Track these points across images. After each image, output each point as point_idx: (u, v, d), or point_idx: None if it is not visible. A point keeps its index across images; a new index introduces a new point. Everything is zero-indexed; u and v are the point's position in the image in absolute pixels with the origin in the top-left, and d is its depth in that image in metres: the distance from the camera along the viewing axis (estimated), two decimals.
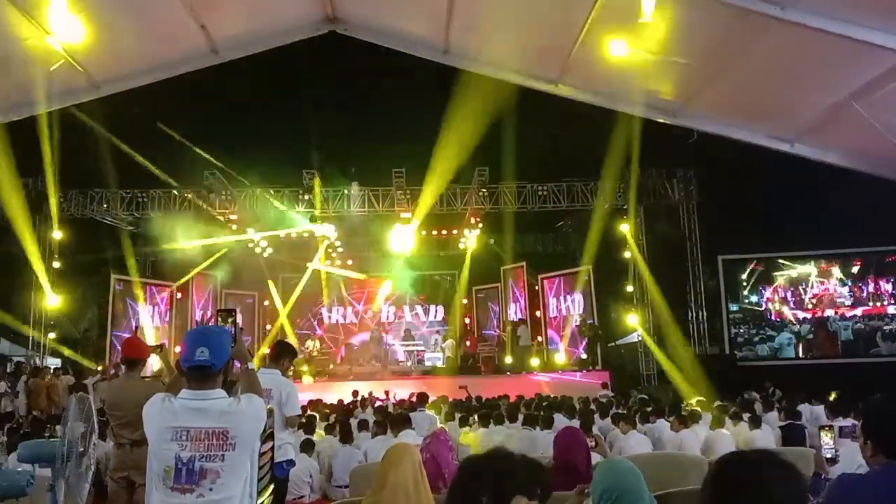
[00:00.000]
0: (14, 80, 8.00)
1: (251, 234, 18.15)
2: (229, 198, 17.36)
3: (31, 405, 12.46)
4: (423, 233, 19.33)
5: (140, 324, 17.16)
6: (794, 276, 17.29)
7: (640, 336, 17.60)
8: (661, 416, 8.39)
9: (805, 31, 6.53)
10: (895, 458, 2.47)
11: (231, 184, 17.12)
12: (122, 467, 4.71)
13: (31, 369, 14.51)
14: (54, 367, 15.52)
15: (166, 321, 18.62)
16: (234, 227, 18.08)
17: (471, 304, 21.44)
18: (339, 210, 17.71)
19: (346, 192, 17.71)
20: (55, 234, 16.75)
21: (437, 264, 21.41)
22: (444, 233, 19.85)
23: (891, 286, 16.59)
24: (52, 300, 16.38)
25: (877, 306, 16.73)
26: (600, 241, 19.23)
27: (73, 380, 13.30)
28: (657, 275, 17.44)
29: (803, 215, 16.95)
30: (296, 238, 18.67)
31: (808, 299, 17.12)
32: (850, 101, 7.38)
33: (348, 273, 20.65)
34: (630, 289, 17.74)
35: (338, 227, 18.65)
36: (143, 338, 15.01)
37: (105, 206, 17.30)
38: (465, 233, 19.41)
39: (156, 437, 2.70)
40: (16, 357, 18.12)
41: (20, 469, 3.31)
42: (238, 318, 3.36)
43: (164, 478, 2.62)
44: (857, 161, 8.96)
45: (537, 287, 19.66)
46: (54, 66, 7.57)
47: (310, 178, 17.15)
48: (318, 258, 19.28)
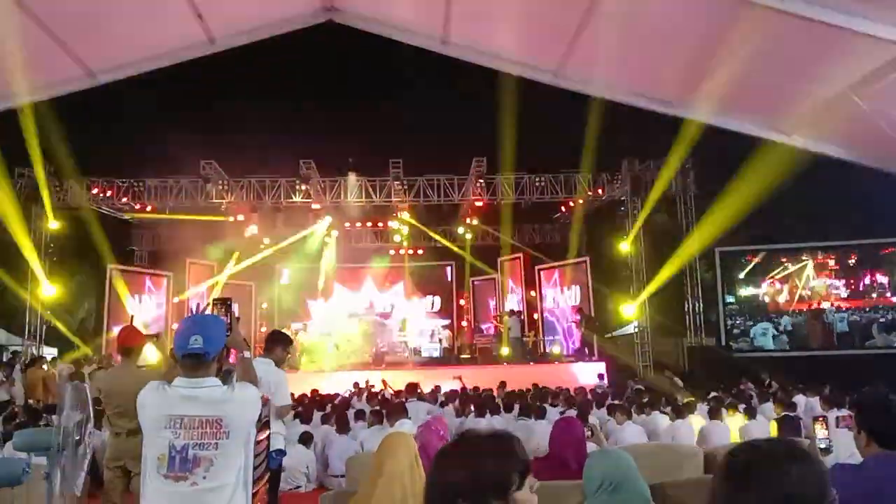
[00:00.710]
0: (6, 68, 7.93)
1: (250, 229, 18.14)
2: (225, 187, 17.31)
3: (28, 395, 12.46)
4: (420, 223, 19.35)
5: (136, 313, 17.14)
6: (791, 268, 17.31)
7: (636, 327, 17.63)
8: (657, 409, 8.43)
9: (804, 22, 6.49)
10: (889, 448, 2.49)
11: (227, 173, 17.08)
12: (117, 456, 4.71)
13: (27, 359, 14.51)
14: (51, 357, 15.52)
15: (162, 311, 18.62)
16: (230, 219, 18.06)
17: (468, 295, 21.47)
18: (335, 200, 17.67)
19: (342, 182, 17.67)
20: (51, 224, 16.72)
21: (434, 255, 21.41)
22: (441, 223, 19.82)
23: (886, 278, 16.63)
24: (49, 290, 16.36)
25: (872, 298, 16.77)
26: (597, 232, 19.27)
27: (71, 369, 13.29)
28: (654, 266, 17.45)
29: (800, 208, 16.96)
30: (294, 227, 18.68)
31: (803, 291, 17.16)
32: (849, 92, 7.36)
33: (346, 264, 20.66)
34: (627, 280, 17.74)
35: (334, 218, 18.63)
36: (139, 327, 15.00)
37: (101, 196, 17.24)
38: (463, 223, 19.39)
39: (150, 425, 2.70)
40: (12, 347, 18.11)
41: (16, 458, 3.31)
42: (234, 308, 3.36)
43: (158, 466, 2.62)
44: (855, 153, 8.93)
45: (535, 278, 19.68)
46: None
47: (307, 168, 17.10)
48: (316, 248, 19.31)
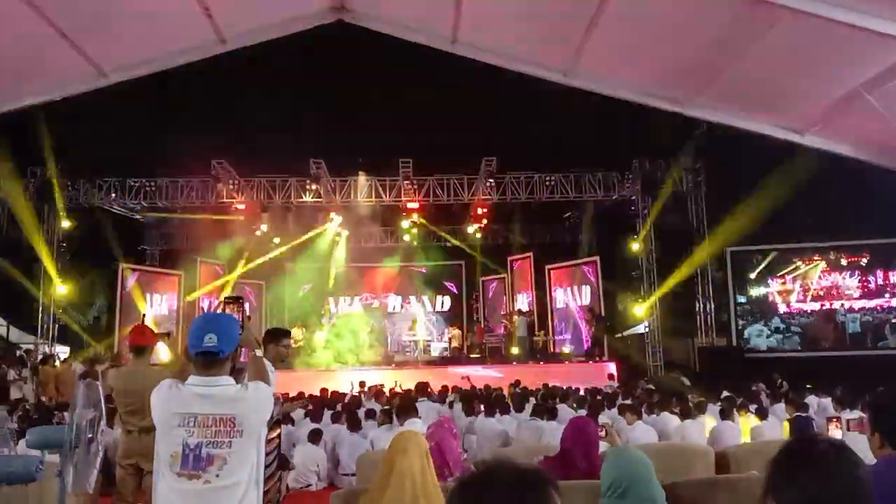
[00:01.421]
0: (21, 68, 7.98)
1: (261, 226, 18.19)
2: (236, 187, 17.38)
3: (40, 392, 12.56)
4: (430, 223, 19.37)
5: (147, 312, 17.24)
6: (802, 268, 17.21)
7: (647, 327, 17.58)
8: (667, 409, 8.39)
9: (816, 20, 6.44)
10: None
11: (238, 173, 17.15)
12: (130, 454, 4.74)
13: (40, 357, 14.62)
14: (63, 355, 15.65)
15: (174, 309, 18.71)
16: (241, 218, 18.12)
17: (478, 294, 21.46)
18: (345, 200, 17.70)
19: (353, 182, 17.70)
20: (63, 223, 16.85)
21: (444, 254, 21.42)
22: (451, 223, 19.81)
23: None
24: (61, 288, 16.49)
25: (885, 298, 16.65)
26: (608, 232, 19.22)
27: (83, 367, 13.38)
28: (665, 266, 17.40)
29: (812, 207, 16.86)
30: (304, 226, 18.74)
31: (815, 291, 17.05)
32: (862, 91, 7.30)
33: (356, 263, 20.71)
34: (637, 280, 17.69)
35: (344, 217, 18.66)
36: (151, 326, 15.08)
37: (113, 195, 17.36)
38: (473, 223, 19.38)
39: (163, 423, 2.71)
40: (25, 345, 18.26)
41: (29, 455, 3.33)
42: (245, 306, 3.36)
43: (171, 464, 2.63)
44: (868, 152, 8.87)
45: (545, 278, 19.66)
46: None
47: (317, 168, 17.14)
48: (326, 248, 19.36)
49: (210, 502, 2.62)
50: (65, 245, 17.07)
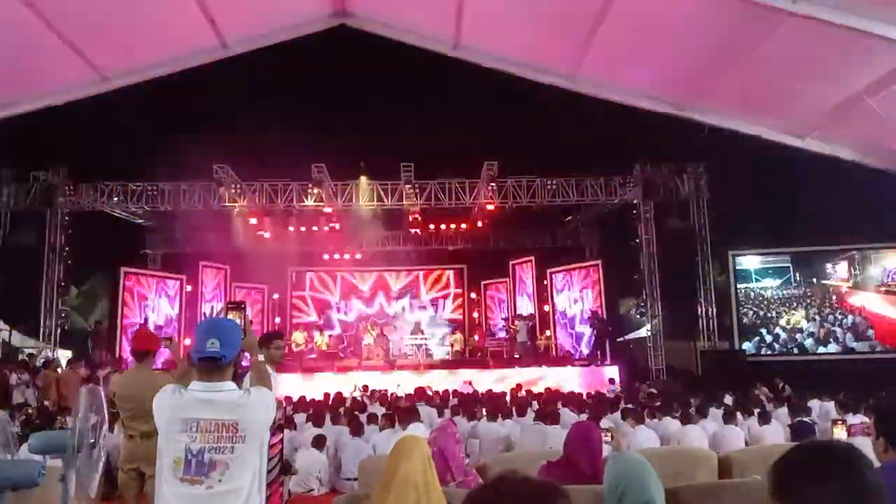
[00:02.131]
0: (24, 73, 8.01)
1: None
2: (238, 191, 17.37)
3: (41, 397, 12.55)
4: (431, 227, 19.36)
5: (149, 316, 17.25)
6: (805, 271, 17.19)
7: (649, 331, 17.55)
8: (669, 413, 8.37)
9: (817, 25, 6.46)
10: None
11: (240, 177, 17.16)
12: (132, 459, 4.73)
13: (42, 361, 14.62)
14: (67, 360, 15.63)
15: (176, 314, 18.72)
16: (243, 222, 18.13)
17: (479, 298, 21.45)
18: (347, 203, 17.71)
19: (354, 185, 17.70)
20: (65, 226, 16.88)
21: (445, 258, 21.41)
22: (452, 227, 19.82)
23: None
24: (63, 293, 16.49)
25: None
26: (610, 235, 19.20)
27: (87, 372, 13.38)
28: (667, 270, 17.37)
29: (814, 210, 16.83)
30: (305, 231, 18.74)
31: (818, 294, 17.01)
32: (863, 95, 7.31)
33: (357, 268, 20.72)
34: (639, 284, 17.66)
35: (346, 221, 18.66)
36: (152, 330, 15.09)
37: (115, 199, 17.37)
38: (474, 227, 19.37)
39: (166, 428, 2.70)
40: (27, 349, 18.26)
41: (31, 460, 3.33)
42: (247, 311, 3.36)
43: (174, 469, 2.63)
44: (870, 157, 8.88)
45: (546, 281, 19.64)
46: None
47: (318, 172, 17.14)
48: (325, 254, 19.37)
49: None
50: (67, 249, 17.08)
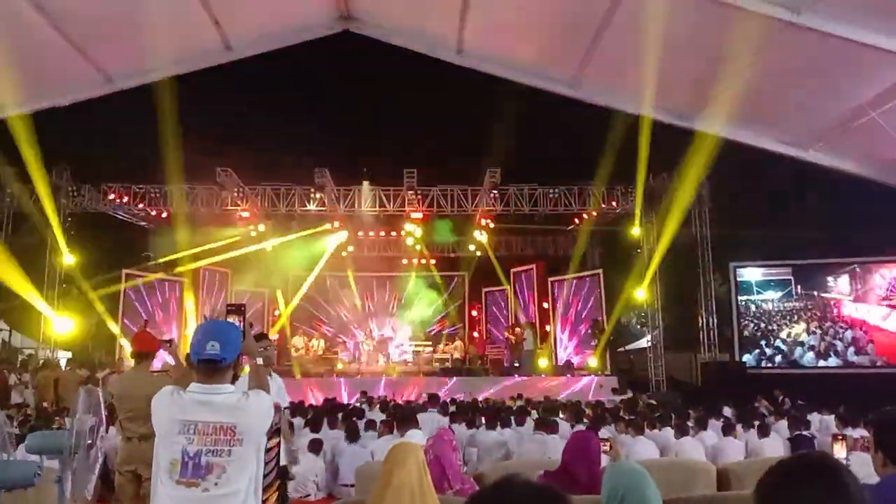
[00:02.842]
0: (31, 73, 8.04)
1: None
2: (241, 195, 17.40)
3: (39, 398, 12.54)
4: (432, 233, 19.36)
5: (149, 318, 17.23)
6: (807, 283, 17.15)
7: (649, 341, 17.52)
8: (668, 424, 8.33)
9: (820, 37, 6.47)
10: None
11: (243, 180, 17.18)
12: (129, 461, 4.72)
13: (40, 362, 14.62)
14: (66, 360, 15.63)
15: (176, 316, 18.70)
16: (246, 226, 18.13)
17: (480, 305, 21.43)
18: (349, 209, 17.72)
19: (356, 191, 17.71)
20: (66, 228, 16.88)
21: (446, 265, 21.40)
22: (454, 234, 19.81)
23: None
24: (63, 294, 16.50)
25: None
26: (611, 245, 19.19)
27: (87, 373, 13.38)
28: (668, 280, 17.35)
29: (817, 222, 16.82)
30: (306, 236, 18.73)
31: (819, 306, 16.98)
32: (867, 108, 7.32)
33: (358, 273, 20.71)
34: (641, 294, 17.64)
35: (348, 228, 18.66)
36: (152, 332, 15.06)
37: (118, 201, 17.37)
38: (476, 234, 19.37)
39: (163, 430, 2.70)
40: (26, 350, 18.26)
41: (28, 460, 3.32)
42: (247, 314, 3.35)
43: (171, 471, 2.62)
44: (873, 169, 8.88)
45: (547, 290, 19.62)
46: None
47: (321, 177, 17.16)
48: (326, 259, 19.36)
49: None
50: (68, 250, 17.08)
